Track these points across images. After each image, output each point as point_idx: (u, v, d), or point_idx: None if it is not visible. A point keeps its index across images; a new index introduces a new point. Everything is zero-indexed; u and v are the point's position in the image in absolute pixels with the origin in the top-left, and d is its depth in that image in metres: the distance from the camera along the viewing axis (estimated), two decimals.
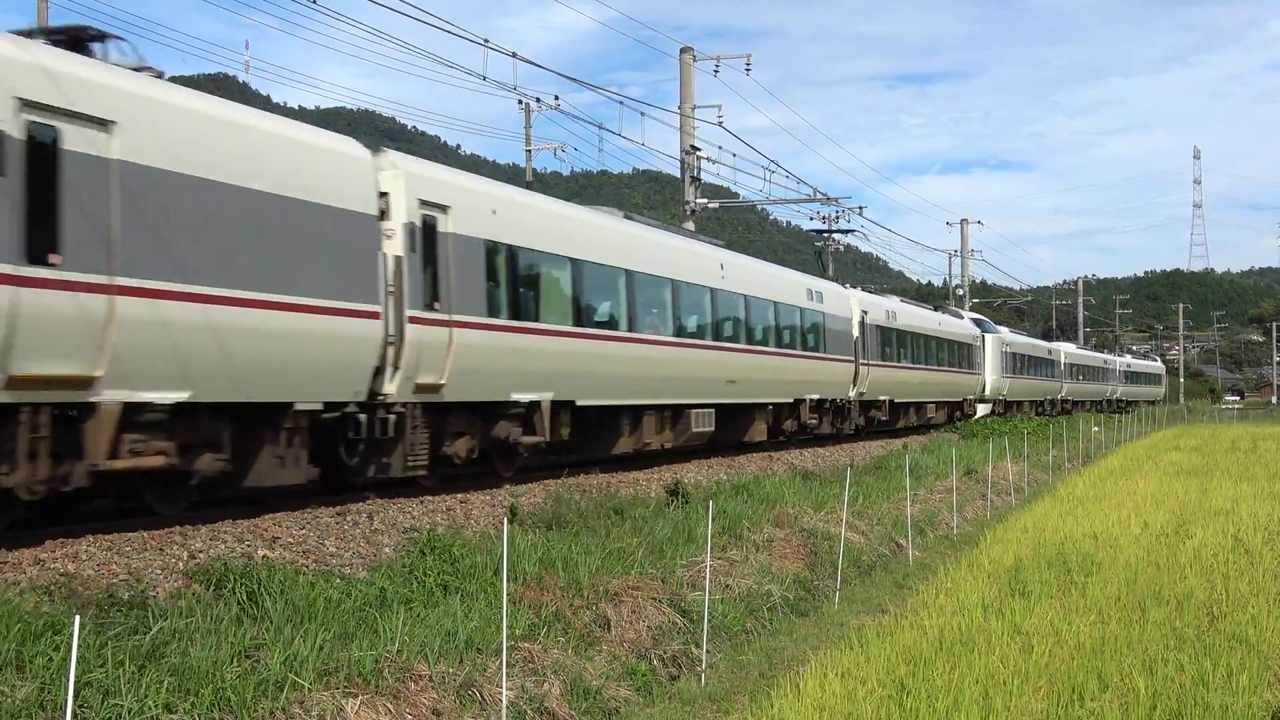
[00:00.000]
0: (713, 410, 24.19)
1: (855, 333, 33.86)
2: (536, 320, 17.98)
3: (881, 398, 36.33)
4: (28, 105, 10.58)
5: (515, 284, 17.63)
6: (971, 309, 69.78)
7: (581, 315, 19.37)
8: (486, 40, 25.80)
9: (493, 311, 16.88)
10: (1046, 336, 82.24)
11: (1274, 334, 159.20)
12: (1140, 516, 18.98)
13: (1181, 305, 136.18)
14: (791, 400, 29.10)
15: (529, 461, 19.31)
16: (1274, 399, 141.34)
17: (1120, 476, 27.64)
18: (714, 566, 12.29)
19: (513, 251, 17.49)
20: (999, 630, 10.55)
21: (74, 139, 10.96)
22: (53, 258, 10.67)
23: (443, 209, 15.93)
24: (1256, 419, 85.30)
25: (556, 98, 38.88)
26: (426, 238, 15.57)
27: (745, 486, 18.91)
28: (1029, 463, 29.01)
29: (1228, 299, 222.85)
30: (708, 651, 10.53)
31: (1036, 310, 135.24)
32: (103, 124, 11.21)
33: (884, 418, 37.50)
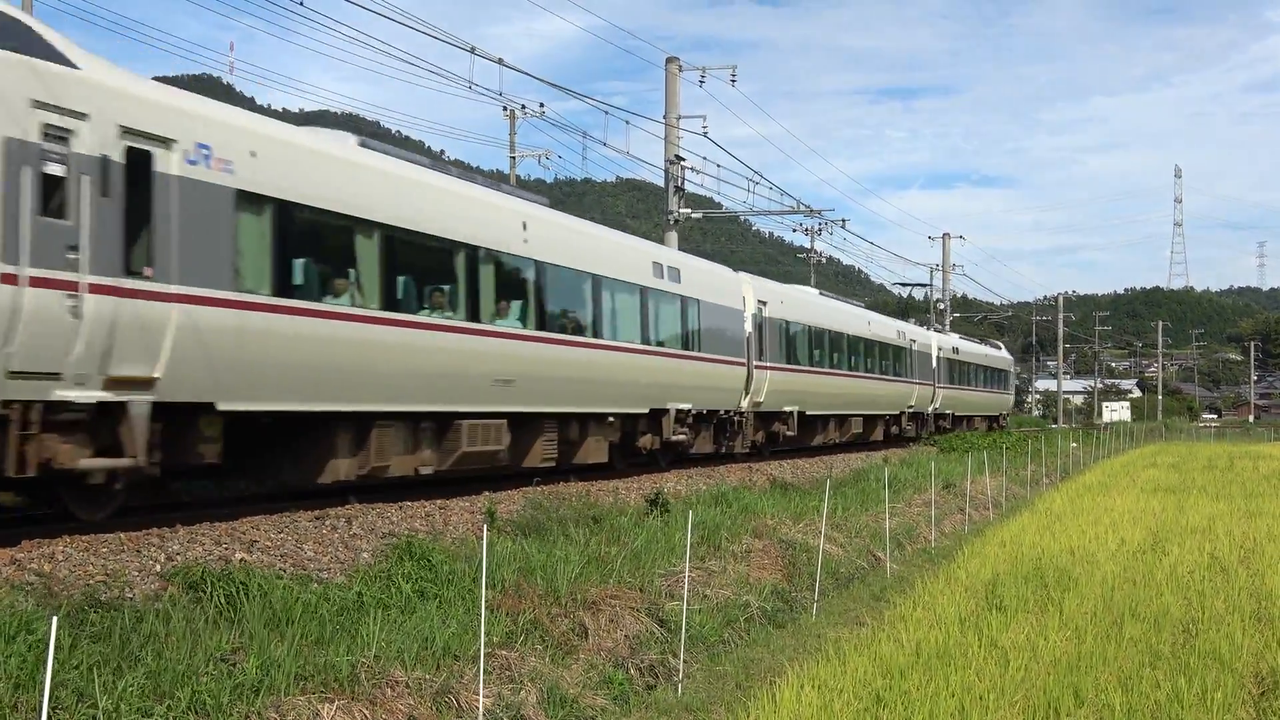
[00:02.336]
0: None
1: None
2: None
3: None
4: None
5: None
6: (953, 324, 69.98)
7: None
8: (473, 47, 25.80)
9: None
10: (1026, 352, 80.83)
11: (1252, 353, 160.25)
12: (1117, 533, 19.05)
13: (1160, 323, 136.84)
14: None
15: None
16: (1251, 417, 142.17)
17: (1098, 493, 27.74)
18: (692, 576, 12.30)
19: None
20: (975, 644, 10.56)
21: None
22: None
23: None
24: (1233, 437, 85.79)
25: (541, 105, 38.92)
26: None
27: (724, 497, 18.92)
28: (1007, 477, 29.10)
29: (1206, 317, 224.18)
30: (685, 661, 10.53)
31: (1017, 326, 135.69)
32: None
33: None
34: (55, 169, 10.75)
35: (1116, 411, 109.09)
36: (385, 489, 16.67)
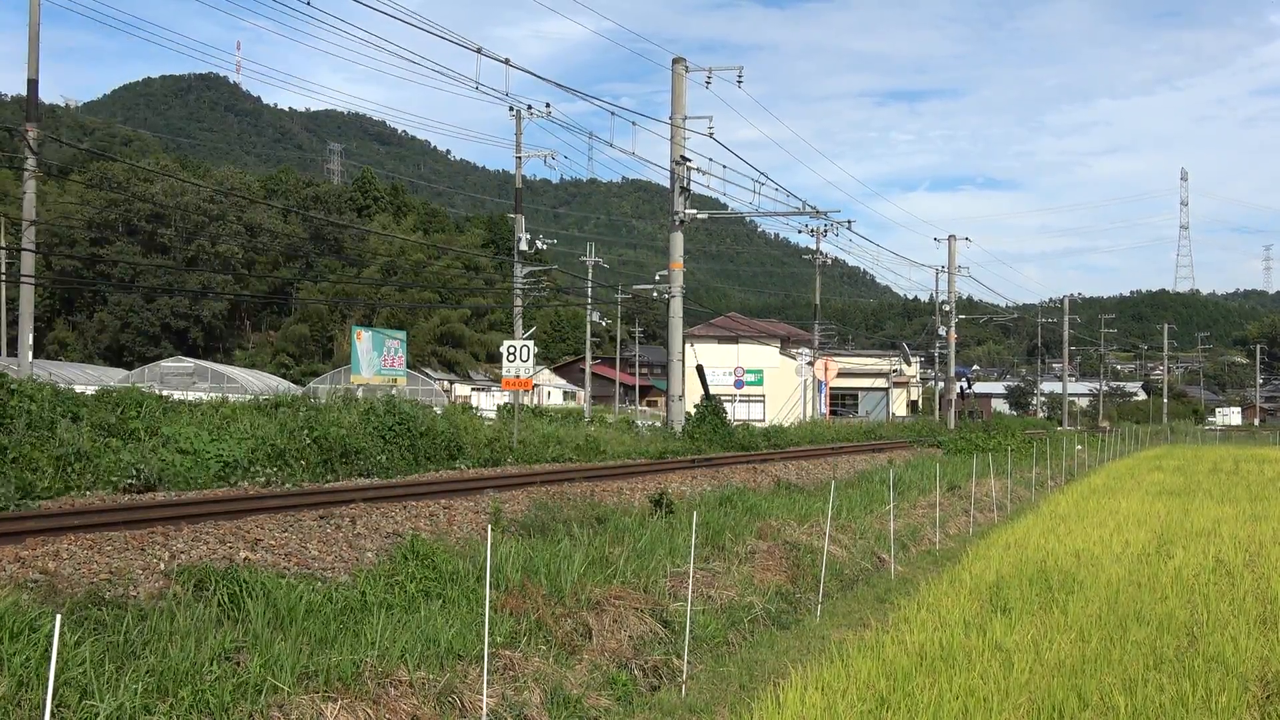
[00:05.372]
0: None
1: None
2: None
3: None
4: None
5: None
6: (958, 326, 69.86)
7: None
8: (480, 48, 25.83)
9: None
10: (1031, 355, 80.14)
11: (1257, 356, 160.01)
12: (1122, 535, 19.01)
13: (1166, 326, 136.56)
14: None
15: None
16: (1256, 420, 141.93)
17: (1103, 495, 27.69)
18: (696, 577, 12.29)
19: None
20: (980, 647, 10.55)
21: None
22: None
23: None
24: (1239, 440, 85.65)
25: (548, 106, 38.96)
26: None
27: (729, 498, 18.91)
28: (1012, 480, 29.06)
29: (1213, 320, 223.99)
30: (689, 662, 10.52)
31: (1023, 328, 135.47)
32: None
33: None
34: None
35: (1227, 415, 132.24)
36: (390, 489, 16.65)
